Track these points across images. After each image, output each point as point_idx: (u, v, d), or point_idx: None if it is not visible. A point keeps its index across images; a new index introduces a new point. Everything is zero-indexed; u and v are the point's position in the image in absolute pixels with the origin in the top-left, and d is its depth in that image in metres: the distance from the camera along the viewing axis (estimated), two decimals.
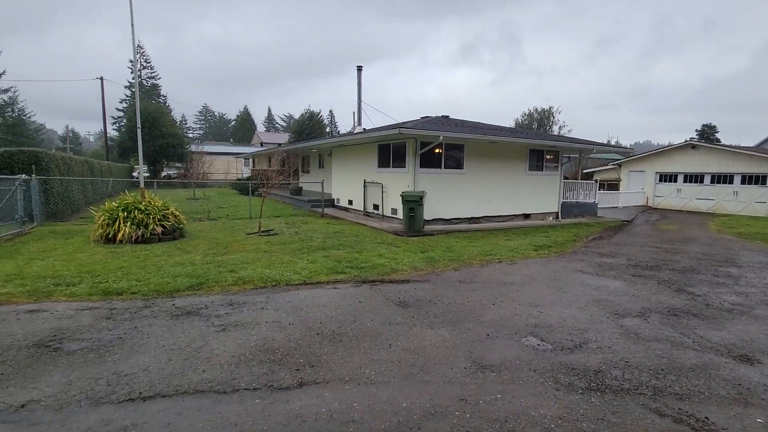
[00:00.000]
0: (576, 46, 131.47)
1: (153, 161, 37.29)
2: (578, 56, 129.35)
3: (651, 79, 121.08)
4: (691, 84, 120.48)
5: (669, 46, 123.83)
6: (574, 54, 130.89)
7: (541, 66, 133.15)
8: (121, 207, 9.13)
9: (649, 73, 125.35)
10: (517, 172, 15.60)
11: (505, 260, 8.22)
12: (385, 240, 10.23)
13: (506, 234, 12.28)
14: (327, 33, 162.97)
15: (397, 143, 13.58)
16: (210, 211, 15.27)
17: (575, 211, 18.27)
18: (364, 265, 7.25)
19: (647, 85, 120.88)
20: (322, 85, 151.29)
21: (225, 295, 5.46)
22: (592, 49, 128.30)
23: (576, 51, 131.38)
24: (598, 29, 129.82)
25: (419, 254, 8.42)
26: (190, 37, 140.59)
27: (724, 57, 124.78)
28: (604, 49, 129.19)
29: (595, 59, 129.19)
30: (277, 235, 10.54)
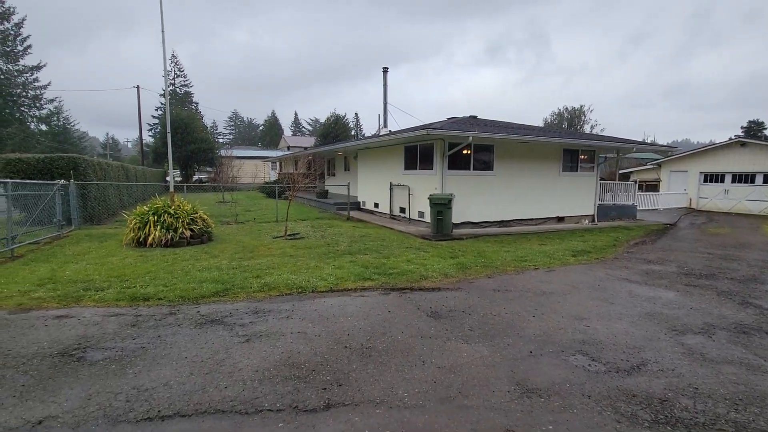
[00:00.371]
0: (607, 43, 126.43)
1: (185, 166, 38.49)
2: (609, 53, 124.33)
3: (689, 74, 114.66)
4: (733, 79, 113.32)
5: (708, 40, 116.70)
6: (605, 51, 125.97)
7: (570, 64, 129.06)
8: (152, 211, 9.24)
9: (686, 68, 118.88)
10: (550, 173, 14.92)
11: (541, 267, 7.72)
12: (413, 244, 9.91)
13: (540, 238, 11.69)
14: (352, 37, 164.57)
15: (424, 144, 13.24)
16: (238, 215, 15.42)
17: (612, 213, 17.32)
18: (393, 271, 6.95)
19: (685, 81, 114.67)
20: (348, 89, 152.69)
21: (250, 302, 5.30)
22: (624, 45, 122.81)
23: (607, 48, 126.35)
24: (630, 24, 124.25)
25: (449, 260, 8.05)
26: (221, 46, 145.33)
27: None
28: (637, 44, 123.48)
29: (627, 55, 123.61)
30: (303, 239, 10.41)
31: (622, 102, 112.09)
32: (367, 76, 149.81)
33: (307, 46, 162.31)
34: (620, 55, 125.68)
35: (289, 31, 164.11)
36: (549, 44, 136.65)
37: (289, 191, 11.87)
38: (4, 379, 3.14)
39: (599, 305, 5.41)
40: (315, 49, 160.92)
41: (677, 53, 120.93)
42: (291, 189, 11.90)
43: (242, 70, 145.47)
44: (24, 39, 57.31)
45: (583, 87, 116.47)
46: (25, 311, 4.72)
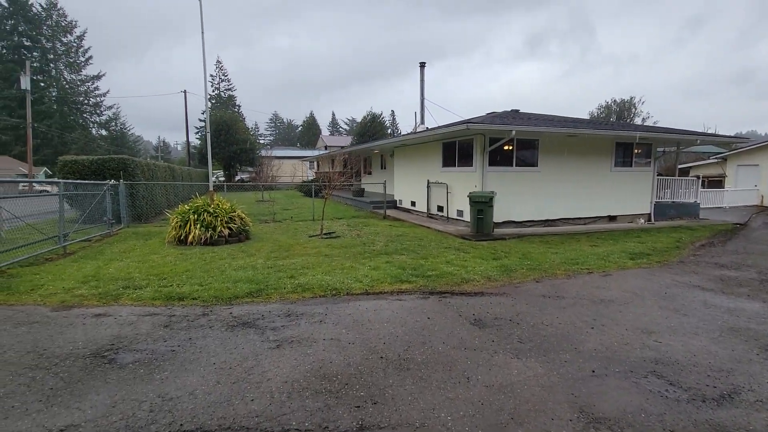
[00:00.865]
0: (660, 29, 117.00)
1: (228, 166, 39.93)
2: (663, 40, 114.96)
3: (755, 60, 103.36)
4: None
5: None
6: (658, 38, 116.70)
7: (618, 54, 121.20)
8: (192, 210, 9.40)
9: (752, 53, 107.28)
10: (600, 169, 13.85)
11: (596, 271, 7.02)
12: (452, 244, 9.44)
13: (590, 239, 10.82)
14: (389, 37, 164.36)
15: (464, 140, 12.68)
16: (275, 213, 15.58)
17: (671, 212, 15.87)
18: (431, 273, 6.56)
19: (751, 67, 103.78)
20: (384, 89, 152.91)
21: (283, 303, 5.11)
22: (680, 31, 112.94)
23: (660, 34, 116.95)
24: (686, 8, 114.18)
25: (491, 261, 7.53)
26: (262, 50, 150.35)
27: None
28: (695, 29, 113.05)
29: (684, 42, 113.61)
30: (339, 238, 10.23)
31: (678, 92, 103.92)
32: (404, 74, 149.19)
33: (344, 47, 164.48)
34: (676, 42, 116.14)
35: (326, 33, 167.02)
36: (594, 34, 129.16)
37: (325, 190, 11.75)
38: (34, 381, 3.09)
39: (669, 316, 4.74)
40: (352, 50, 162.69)
41: (742, 37, 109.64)
42: (326, 188, 11.78)
43: (282, 72, 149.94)
44: (85, 51, 62.00)
45: (633, 78, 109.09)
46: (67, 308, 4.79)
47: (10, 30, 53.36)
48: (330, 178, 12.30)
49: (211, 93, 77.37)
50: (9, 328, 4.14)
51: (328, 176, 15.09)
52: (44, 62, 57.41)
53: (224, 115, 40.17)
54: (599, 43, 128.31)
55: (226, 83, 79.32)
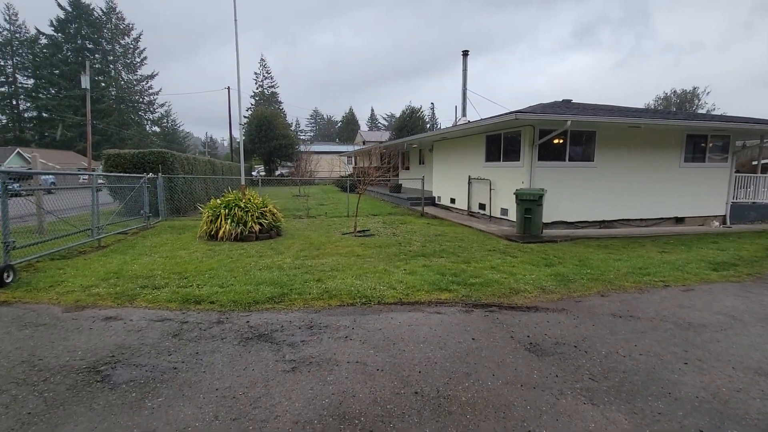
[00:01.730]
0: (727, 14, 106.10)
1: (268, 160, 40.65)
2: (731, 25, 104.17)
3: None
4: None
5: None
6: (725, 23, 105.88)
7: (678, 42, 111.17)
8: (223, 204, 9.15)
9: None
10: (667, 164, 12.29)
11: (673, 284, 5.91)
12: (496, 247, 8.54)
13: (657, 243, 9.49)
14: (430, 32, 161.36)
15: (510, 133, 11.63)
16: (310, 209, 15.26)
17: (751, 215, 13.90)
18: (475, 280, 5.77)
19: None
20: (424, 85, 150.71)
21: (306, 312, 4.55)
22: (750, 16, 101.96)
23: (727, 19, 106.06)
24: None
25: (544, 268, 6.60)
26: (305, 48, 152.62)
27: None
28: (765, 15, 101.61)
29: (755, 27, 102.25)
30: (373, 236, 9.62)
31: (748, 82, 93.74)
32: (445, 70, 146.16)
33: (385, 43, 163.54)
34: (746, 27, 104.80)
35: (369, 30, 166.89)
36: (650, 21, 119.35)
37: (360, 185, 11.18)
38: (14, 401, 2.69)
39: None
40: (393, 46, 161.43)
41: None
42: (361, 183, 11.19)
43: (324, 70, 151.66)
44: (141, 51, 65.65)
45: (695, 67, 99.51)
46: (80, 309, 4.49)
47: (74, 33, 57.43)
48: (365, 174, 11.71)
49: (255, 90, 79.79)
50: (14, 330, 3.86)
51: (364, 171, 14.57)
52: (104, 63, 61.43)
53: (265, 111, 40.87)
54: (656, 31, 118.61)
55: (270, 80, 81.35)
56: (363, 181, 10.92)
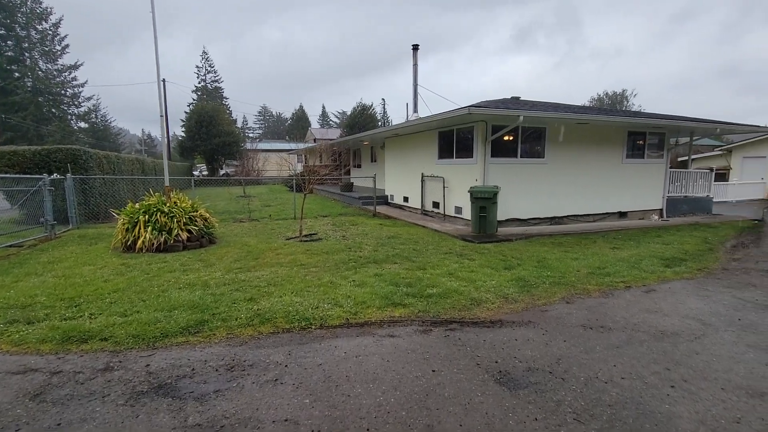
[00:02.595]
0: (647, 23, 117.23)
1: (211, 159, 38.00)
2: (650, 34, 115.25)
3: (741, 54, 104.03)
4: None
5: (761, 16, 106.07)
6: (645, 32, 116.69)
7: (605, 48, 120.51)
8: (143, 209, 7.84)
9: (738, 48, 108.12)
10: (610, 161, 12.56)
11: (633, 284, 5.68)
12: (453, 248, 8.04)
13: (607, 239, 9.52)
14: (380, 30, 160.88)
15: (462, 129, 11.26)
16: (253, 211, 14.02)
17: (684, 208, 14.71)
18: (432, 291, 5.14)
19: (737, 61, 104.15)
20: (376, 83, 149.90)
21: (229, 345, 3.66)
22: (667, 26, 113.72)
23: (647, 28, 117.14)
24: (671, 4, 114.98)
25: (504, 272, 6.14)
26: (252, 43, 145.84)
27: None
28: (681, 23, 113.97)
29: (671, 35, 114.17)
30: (321, 241, 8.77)
31: (666, 86, 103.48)
32: (396, 68, 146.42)
33: (335, 40, 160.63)
34: (663, 36, 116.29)
35: (317, 26, 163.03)
36: (581, 28, 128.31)
37: (306, 185, 10.25)
38: None
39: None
40: (343, 44, 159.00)
41: (727, 31, 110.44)
42: (307, 182, 10.27)
43: (272, 66, 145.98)
44: (62, 39, 59.00)
45: (623, 71, 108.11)
46: None
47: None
48: (311, 172, 10.81)
49: (197, 85, 75.00)
50: None
51: (313, 170, 13.62)
52: (18, 51, 54.42)
53: (206, 106, 38.14)
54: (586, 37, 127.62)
55: (213, 75, 76.87)
56: (308, 180, 9.99)
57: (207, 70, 76.16)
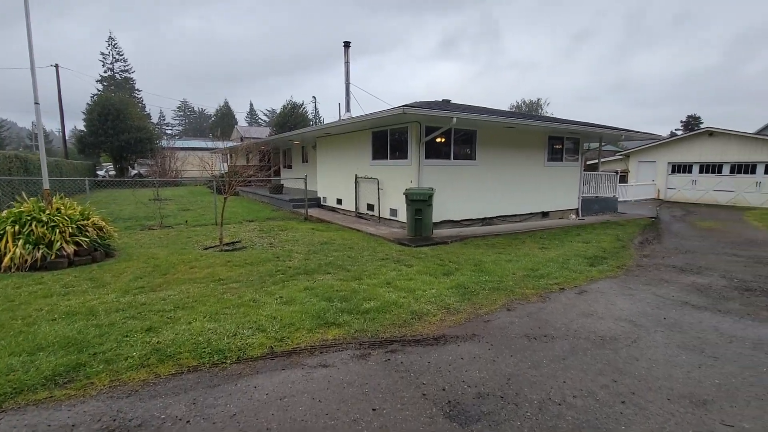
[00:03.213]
0: (553, 42, 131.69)
1: (119, 157, 33.78)
2: (558, 50, 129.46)
3: (630, 72, 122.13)
4: (668, 77, 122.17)
5: (643, 40, 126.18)
6: (554, 48, 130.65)
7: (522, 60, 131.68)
8: (11, 218, 6.33)
9: (627, 66, 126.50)
10: (535, 164, 13.22)
11: (566, 286, 5.75)
12: (389, 253, 7.68)
13: (534, 239, 9.87)
14: (312, 28, 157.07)
15: (397, 129, 11.01)
16: (167, 216, 12.44)
17: (595, 207, 16.04)
18: (369, 305, 4.68)
19: (627, 78, 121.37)
20: (307, 81, 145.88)
21: (112, 397, 2.83)
22: (569, 44, 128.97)
23: (555, 45, 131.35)
24: (571, 25, 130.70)
25: (443, 279, 5.89)
26: (170, 32, 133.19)
27: (699, 50, 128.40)
28: (581, 42, 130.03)
29: (573, 53, 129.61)
30: (245, 250, 7.87)
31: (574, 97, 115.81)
32: (327, 68, 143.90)
33: (263, 36, 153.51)
34: (567, 53, 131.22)
35: (245, 21, 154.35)
36: (500, 40, 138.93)
37: (228, 187, 9.20)
38: None
39: (701, 364, 3.45)
40: (272, 41, 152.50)
41: (618, 51, 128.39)
42: (228, 184, 9.23)
43: (195, 59, 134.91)
44: None
45: (537, 82, 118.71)
46: None
47: None
48: (237, 173, 9.80)
49: (102, 74, 66.90)
50: None
51: (237, 170, 12.45)
52: None
53: (112, 98, 33.79)
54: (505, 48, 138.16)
55: (123, 63, 69.18)
56: (229, 182, 8.96)
57: (115, 57, 68.40)
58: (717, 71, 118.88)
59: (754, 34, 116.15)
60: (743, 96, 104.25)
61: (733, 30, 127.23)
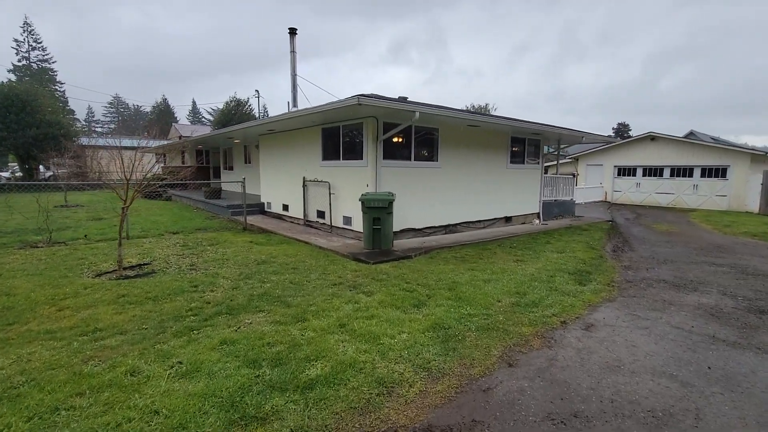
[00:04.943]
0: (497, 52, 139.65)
1: (26, 156, 29.06)
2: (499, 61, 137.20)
3: (564, 83, 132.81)
4: (596, 89, 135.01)
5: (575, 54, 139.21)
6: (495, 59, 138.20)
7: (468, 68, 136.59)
8: None
9: (561, 78, 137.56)
10: (497, 166, 12.36)
11: (566, 317, 4.60)
12: (343, 275, 6.18)
13: (504, 248, 8.86)
14: (260, 27, 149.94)
15: (350, 125, 9.55)
16: (66, 229, 9.98)
17: (555, 211, 15.60)
18: (315, 371, 3.16)
19: (561, 88, 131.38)
20: (255, 82, 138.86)
21: None
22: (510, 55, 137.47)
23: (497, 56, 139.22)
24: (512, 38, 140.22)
25: (413, 312, 4.52)
26: (103, 23, 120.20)
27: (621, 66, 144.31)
28: (520, 56, 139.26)
29: (514, 64, 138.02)
30: (153, 276, 5.99)
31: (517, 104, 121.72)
32: (277, 69, 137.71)
33: (211, 35, 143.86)
34: (508, 63, 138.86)
35: (186, 14, 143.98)
36: (447, 48, 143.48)
37: (131, 191, 7.15)
38: None
39: None
40: (222, 40, 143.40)
41: (552, 64, 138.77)
42: (132, 188, 7.15)
43: (131, 53, 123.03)
44: None
45: (483, 89, 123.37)
46: None
47: None
48: (129, 173, 7.82)
49: (15, 63, 58.91)
50: None
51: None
52: None
53: (16, 88, 28.97)
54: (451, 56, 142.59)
55: (40, 52, 61.47)
56: (127, 184, 6.89)
57: (32, 45, 60.62)
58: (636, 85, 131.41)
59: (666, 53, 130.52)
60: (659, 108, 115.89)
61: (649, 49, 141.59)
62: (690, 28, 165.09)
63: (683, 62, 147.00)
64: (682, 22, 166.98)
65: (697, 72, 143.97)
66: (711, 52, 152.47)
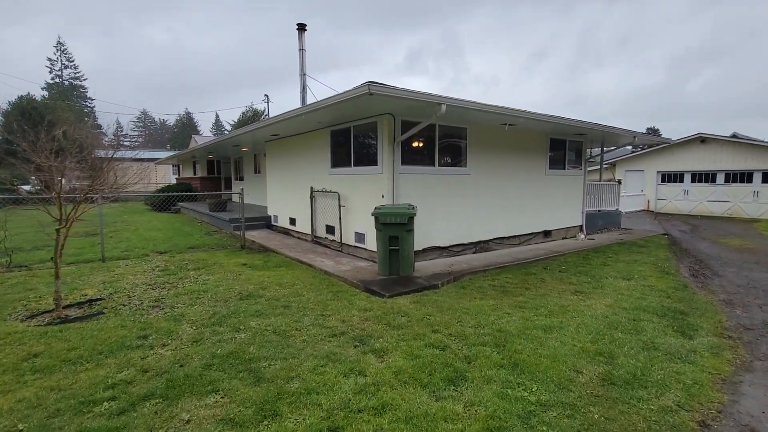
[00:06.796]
0: (514, 59, 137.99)
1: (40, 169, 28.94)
2: (517, 68, 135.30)
3: (586, 87, 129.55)
4: (618, 95, 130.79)
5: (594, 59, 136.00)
6: (513, 66, 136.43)
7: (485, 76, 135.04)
8: None
9: (583, 82, 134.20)
10: (535, 172, 10.55)
11: (698, 407, 2.84)
12: (349, 318, 4.57)
13: (551, 272, 7.07)
14: (281, 44, 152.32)
15: (362, 125, 8.02)
16: (43, 248, 8.78)
17: (600, 223, 13.56)
18: None
19: (582, 93, 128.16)
20: (275, 95, 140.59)
21: None
22: (527, 62, 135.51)
23: (514, 63, 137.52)
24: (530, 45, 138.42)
25: (447, 398, 2.86)
26: (133, 42, 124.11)
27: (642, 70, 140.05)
28: (539, 61, 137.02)
29: (532, 70, 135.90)
30: (99, 319, 4.54)
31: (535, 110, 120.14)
32: (296, 82, 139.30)
33: (232, 50, 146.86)
34: (526, 70, 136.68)
35: (214, 34, 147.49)
36: (464, 56, 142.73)
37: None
38: None
39: None
40: (241, 54, 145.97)
41: (571, 69, 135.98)
42: (60, 203, 5.78)
43: (159, 70, 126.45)
44: None
45: (501, 96, 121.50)
46: None
47: None
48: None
49: (48, 81, 60.89)
50: None
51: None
52: None
53: (33, 101, 29.09)
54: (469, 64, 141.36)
55: (73, 70, 63.52)
56: (67, 200, 5.53)
57: (64, 64, 62.61)
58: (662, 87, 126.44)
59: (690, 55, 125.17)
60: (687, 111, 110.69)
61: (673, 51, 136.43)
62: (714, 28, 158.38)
63: (710, 63, 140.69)
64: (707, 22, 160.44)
65: (724, 72, 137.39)
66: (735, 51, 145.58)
